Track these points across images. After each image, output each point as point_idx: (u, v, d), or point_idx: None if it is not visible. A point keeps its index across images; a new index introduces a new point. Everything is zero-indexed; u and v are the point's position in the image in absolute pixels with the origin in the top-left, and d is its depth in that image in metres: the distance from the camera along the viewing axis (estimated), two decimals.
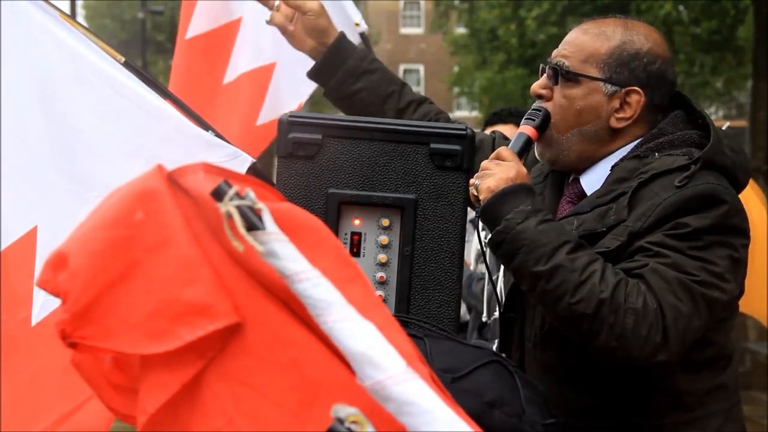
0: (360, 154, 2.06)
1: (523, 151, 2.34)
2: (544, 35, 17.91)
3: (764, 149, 14.50)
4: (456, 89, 27.84)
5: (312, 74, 2.77)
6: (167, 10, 28.56)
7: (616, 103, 2.32)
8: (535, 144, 2.38)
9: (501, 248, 2.17)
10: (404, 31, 49.02)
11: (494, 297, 3.74)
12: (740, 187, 2.30)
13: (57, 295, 1.19)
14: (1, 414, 2.37)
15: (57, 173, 2.54)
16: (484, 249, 2.44)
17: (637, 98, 2.31)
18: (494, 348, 2.39)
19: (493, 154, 2.29)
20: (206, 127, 2.66)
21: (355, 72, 2.70)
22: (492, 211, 2.18)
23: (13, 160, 2.53)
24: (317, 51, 2.73)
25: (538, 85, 2.39)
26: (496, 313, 3.51)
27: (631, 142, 2.34)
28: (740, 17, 17.48)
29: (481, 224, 2.26)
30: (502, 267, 2.83)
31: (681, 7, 18.35)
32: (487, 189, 2.20)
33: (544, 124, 2.35)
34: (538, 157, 2.42)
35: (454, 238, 2.06)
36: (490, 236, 2.19)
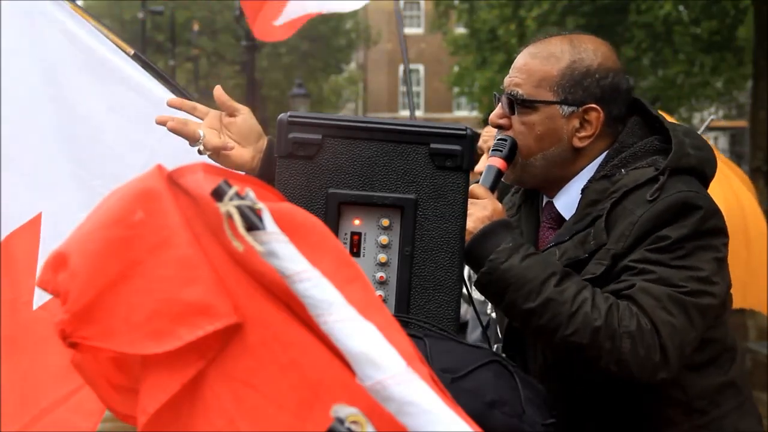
0: (360, 154, 2.06)
1: (495, 185, 2.33)
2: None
3: (764, 149, 14.50)
4: (456, 89, 27.81)
5: None
6: (167, 10, 28.53)
7: (576, 123, 2.31)
8: None
9: (488, 290, 2.18)
10: (404, 31, 48.96)
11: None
12: (709, 179, 2.31)
13: (57, 295, 1.19)
14: (2, 394, 2.39)
15: (63, 160, 2.57)
16: (470, 289, 2.43)
17: (595, 115, 2.30)
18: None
19: None
20: None
21: None
22: (474, 254, 2.18)
23: (19, 147, 2.55)
24: (256, 159, 2.38)
25: (495, 116, 2.37)
26: (492, 314, 3.49)
27: (597, 156, 2.33)
28: (740, 17, 17.49)
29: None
30: None
31: (681, 7, 18.36)
32: (466, 231, 2.18)
33: (511, 153, 2.33)
34: (504, 180, 2.40)
35: (454, 238, 2.05)
36: (476, 278, 2.20)
